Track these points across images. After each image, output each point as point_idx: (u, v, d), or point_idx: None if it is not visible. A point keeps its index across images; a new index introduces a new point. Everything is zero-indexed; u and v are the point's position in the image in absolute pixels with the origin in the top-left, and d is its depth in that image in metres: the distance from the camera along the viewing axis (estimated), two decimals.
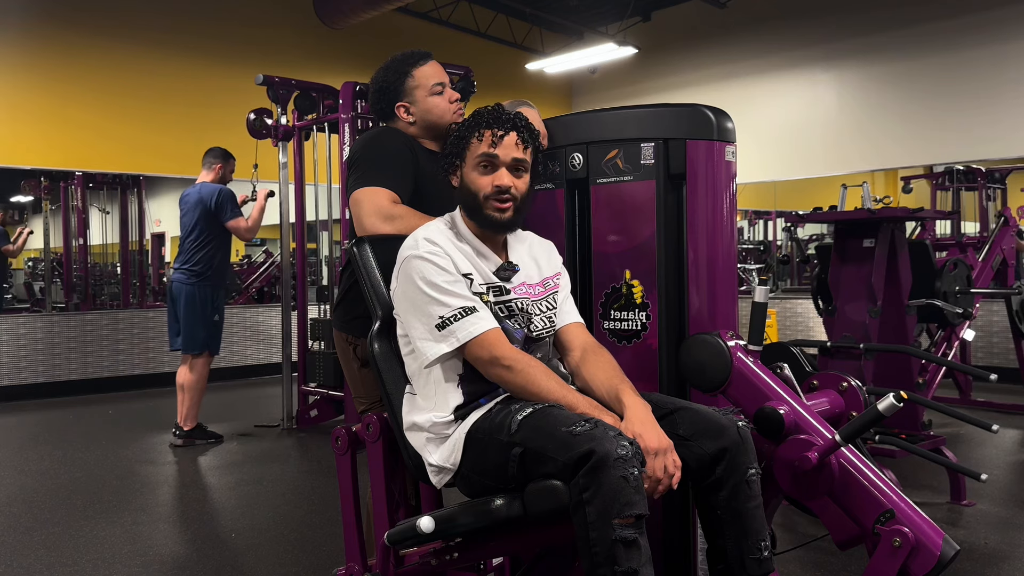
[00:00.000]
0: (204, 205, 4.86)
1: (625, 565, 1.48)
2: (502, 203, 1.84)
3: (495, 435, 1.68)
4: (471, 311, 1.75)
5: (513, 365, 1.72)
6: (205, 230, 4.89)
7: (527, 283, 1.91)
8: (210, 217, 4.87)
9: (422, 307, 1.78)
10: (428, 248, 1.80)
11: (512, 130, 1.86)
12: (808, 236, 10.30)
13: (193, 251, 4.90)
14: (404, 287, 1.83)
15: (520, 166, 1.88)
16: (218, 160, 5.04)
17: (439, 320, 1.75)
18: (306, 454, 4.82)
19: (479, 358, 1.75)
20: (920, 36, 7.42)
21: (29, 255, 13.68)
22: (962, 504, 3.54)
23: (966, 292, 4.42)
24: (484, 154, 1.85)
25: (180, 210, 5.00)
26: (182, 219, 4.97)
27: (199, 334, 4.91)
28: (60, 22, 6.91)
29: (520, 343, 1.84)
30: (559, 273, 2.00)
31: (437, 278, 1.77)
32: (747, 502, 1.67)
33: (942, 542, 1.61)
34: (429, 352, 1.78)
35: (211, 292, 4.96)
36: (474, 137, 1.86)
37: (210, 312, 4.95)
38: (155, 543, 3.25)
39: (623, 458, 1.48)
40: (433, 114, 2.23)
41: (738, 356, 1.87)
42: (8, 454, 4.84)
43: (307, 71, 6.26)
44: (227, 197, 4.89)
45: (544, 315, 1.91)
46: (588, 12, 9.21)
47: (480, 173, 1.86)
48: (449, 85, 2.27)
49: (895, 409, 1.63)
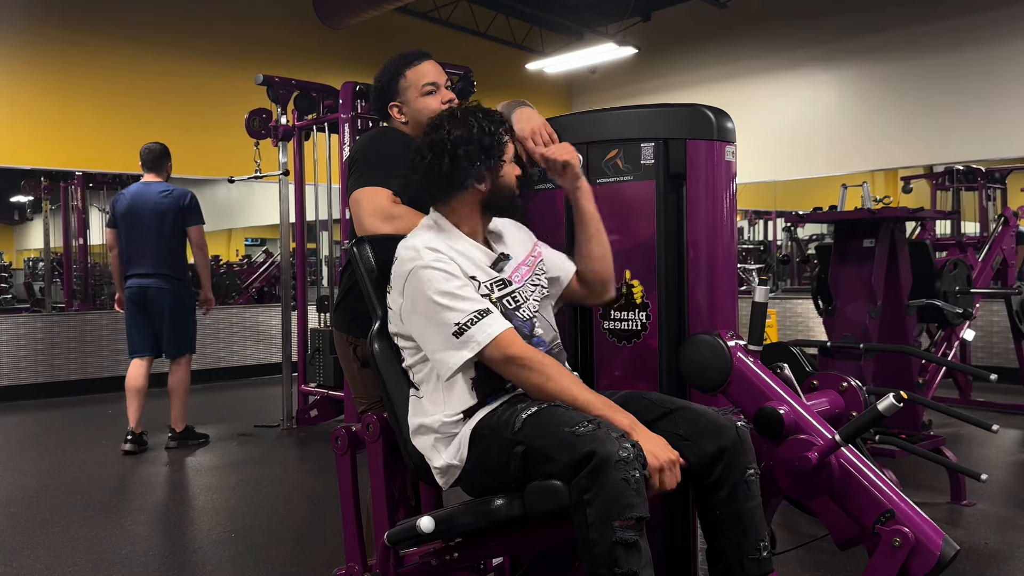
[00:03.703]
0: (177, 206, 4.76)
1: (625, 567, 1.48)
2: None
3: (499, 432, 1.68)
4: (486, 313, 1.74)
5: (530, 364, 1.72)
6: (180, 232, 4.81)
7: (516, 267, 1.94)
8: (179, 219, 4.78)
9: (436, 317, 1.75)
10: (432, 257, 1.78)
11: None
12: (808, 236, 10.30)
13: (171, 254, 4.80)
14: (414, 301, 1.79)
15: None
16: (167, 159, 4.93)
17: (455, 327, 1.73)
18: (306, 454, 4.82)
19: (494, 359, 1.74)
20: (920, 36, 7.42)
21: (29, 255, 13.66)
22: (962, 504, 3.54)
23: (966, 292, 4.42)
24: (514, 152, 1.95)
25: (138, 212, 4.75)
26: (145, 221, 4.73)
27: (187, 337, 4.88)
28: (60, 22, 6.91)
29: (529, 337, 1.84)
30: (535, 244, 2.04)
31: (447, 285, 1.75)
32: (746, 502, 1.68)
33: (942, 542, 1.61)
34: (451, 361, 1.74)
35: (191, 294, 4.95)
36: (507, 137, 1.91)
37: (193, 314, 4.95)
38: (155, 543, 3.24)
39: (625, 460, 1.48)
40: (423, 115, 2.20)
41: (738, 356, 1.87)
42: (8, 454, 4.84)
43: (307, 71, 6.25)
44: (197, 201, 4.85)
45: (539, 289, 1.95)
46: (588, 12, 9.21)
47: (511, 170, 1.93)
48: (445, 85, 2.25)
49: (895, 409, 1.63)
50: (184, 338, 4.87)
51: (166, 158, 4.94)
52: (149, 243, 4.75)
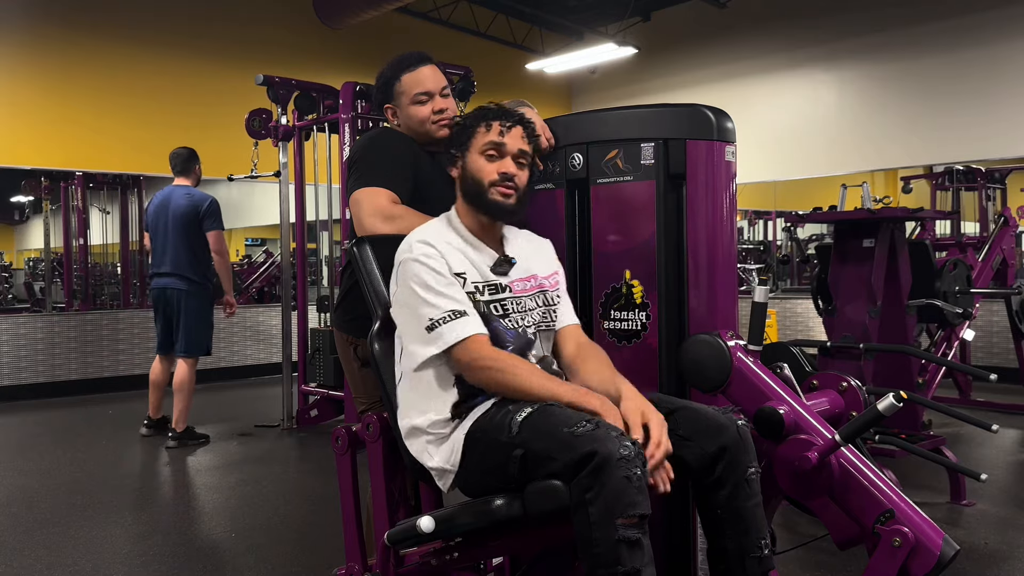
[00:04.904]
0: (195, 211, 4.87)
1: (628, 565, 1.48)
2: (508, 189, 1.87)
3: (495, 435, 1.68)
4: (460, 314, 1.75)
5: (493, 364, 1.72)
6: (199, 235, 4.90)
7: (523, 278, 1.91)
8: (198, 223, 4.88)
9: (415, 309, 1.79)
10: (422, 251, 1.81)
11: (519, 123, 1.92)
12: (808, 236, 10.30)
13: (189, 256, 4.90)
14: (400, 292, 1.84)
15: (523, 159, 1.92)
16: (194, 162, 5.03)
17: (428, 323, 1.76)
18: (306, 454, 4.82)
19: (460, 360, 1.75)
20: (920, 36, 7.42)
21: (29, 255, 13.66)
22: (962, 504, 3.54)
23: (966, 292, 4.42)
24: (492, 142, 1.88)
25: (163, 214, 4.90)
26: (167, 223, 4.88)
27: (198, 338, 4.96)
28: (60, 22, 6.91)
29: (513, 344, 1.83)
30: (556, 272, 2.00)
31: (429, 279, 1.78)
32: (747, 501, 1.68)
33: (942, 542, 1.61)
34: (419, 354, 1.78)
35: (208, 296, 5.02)
36: (481, 126, 1.90)
37: (209, 317, 5.03)
38: (155, 543, 3.24)
39: (626, 459, 1.48)
40: (414, 121, 2.23)
41: (738, 356, 1.87)
42: (8, 454, 4.84)
43: (307, 71, 6.26)
44: (217, 207, 4.94)
45: (540, 310, 1.91)
46: (588, 12, 9.21)
47: (487, 160, 1.89)
48: (440, 91, 2.23)
49: (895, 409, 1.63)
50: (195, 339, 4.94)
51: (193, 161, 5.05)
52: (169, 244, 4.90)
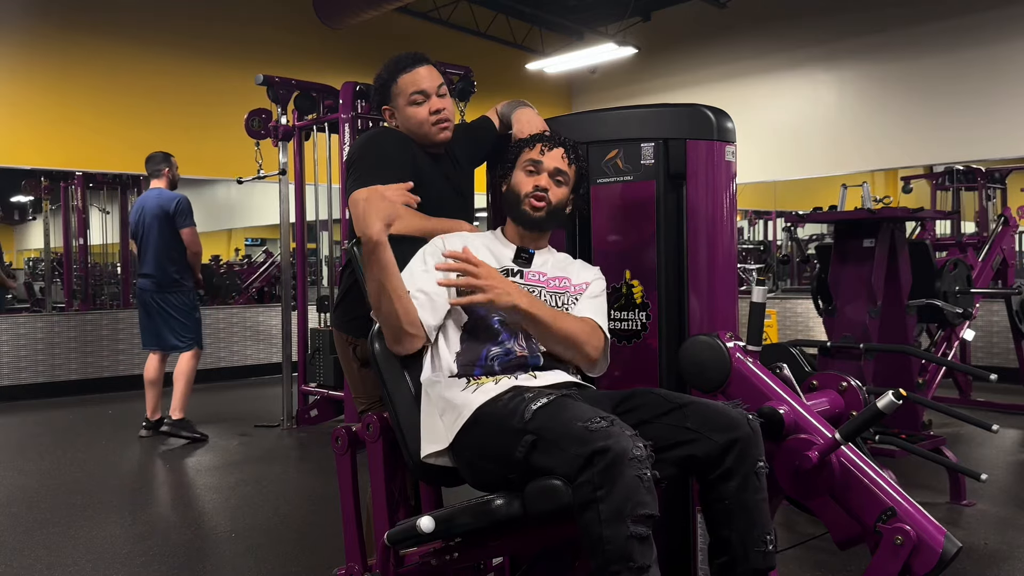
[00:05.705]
0: (164, 211, 4.94)
1: (640, 561, 1.47)
2: (538, 201, 2.00)
3: (506, 420, 1.69)
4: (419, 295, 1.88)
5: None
6: (174, 235, 4.98)
7: (548, 275, 2.00)
8: (171, 223, 4.96)
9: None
10: (434, 240, 2.00)
11: (559, 145, 2.06)
12: (808, 236, 10.30)
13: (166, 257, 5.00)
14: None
15: (561, 177, 2.03)
16: (165, 164, 5.10)
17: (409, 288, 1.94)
18: (306, 454, 4.82)
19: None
20: (920, 36, 7.42)
21: (29, 255, 13.66)
22: (962, 504, 3.54)
23: (966, 292, 4.42)
24: (532, 159, 2.05)
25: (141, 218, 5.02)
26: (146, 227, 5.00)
27: (188, 334, 5.09)
28: (60, 22, 6.91)
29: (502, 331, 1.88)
30: (588, 283, 2.03)
31: (415, 264, 1.96)
32: (755, 494, 1.67)
33: (944, 539, 1.61)
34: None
35: (189, 293, 5.13)
36: (527, 147, 2.07)
37: (194, 312, 5.14)
38: (155, 543, 3.24)
39: (638, 458, 1.49)
40: (411, 122, 2.22)
41: (737, 357, 1.88)
42: (8, 454, 4.85)
43: (307, 71, 6.25)
44: (187, 204, 5.01)
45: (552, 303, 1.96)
46: (588, 12, 9.21)
47: (526, 175, 2.04)
48: (437, 91, 2.21)
49: (894, 407, 1.63)
50: (186, 335, 5.08)
51: (164, 164, 5.11)
52: (148, 246, 5.05)
